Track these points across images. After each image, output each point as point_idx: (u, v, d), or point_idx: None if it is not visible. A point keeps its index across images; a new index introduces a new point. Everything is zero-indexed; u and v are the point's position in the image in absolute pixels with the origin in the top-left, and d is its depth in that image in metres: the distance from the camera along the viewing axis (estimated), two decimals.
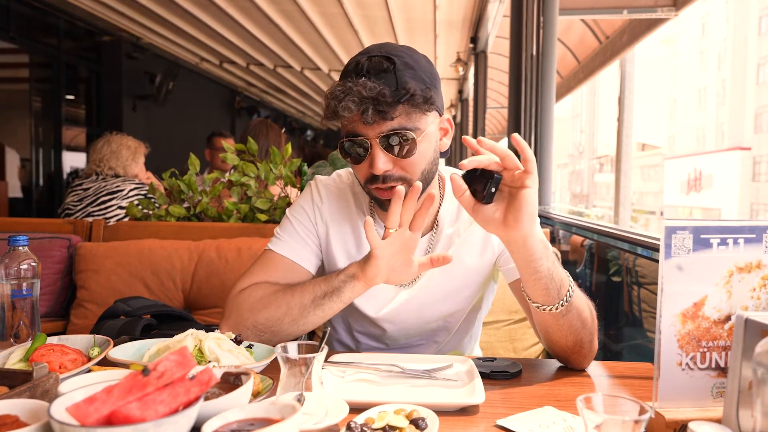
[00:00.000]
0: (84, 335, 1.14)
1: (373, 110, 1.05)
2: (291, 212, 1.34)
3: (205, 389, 0.71)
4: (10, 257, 1.16)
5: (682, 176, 42.62)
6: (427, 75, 1.12)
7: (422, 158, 1.14)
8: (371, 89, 1.04)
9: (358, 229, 1.29)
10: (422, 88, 1.09)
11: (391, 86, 1.06)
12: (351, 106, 1.05)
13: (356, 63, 1.10)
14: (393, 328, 1.33)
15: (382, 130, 1.09)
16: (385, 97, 1.05)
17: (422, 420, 0.83)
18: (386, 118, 1.07)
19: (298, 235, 1.30)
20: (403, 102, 1.07)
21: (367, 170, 1.13)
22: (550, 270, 1.04)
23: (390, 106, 1.06)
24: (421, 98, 1.08)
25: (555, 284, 1.05)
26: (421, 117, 1.12)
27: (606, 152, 50.59)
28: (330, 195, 1.31)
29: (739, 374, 0.77)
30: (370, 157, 1.11)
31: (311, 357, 0.82)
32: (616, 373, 1.15)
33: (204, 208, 2.31)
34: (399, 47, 1.13)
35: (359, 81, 1.05)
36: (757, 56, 36.57)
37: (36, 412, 0.75)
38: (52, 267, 2.14)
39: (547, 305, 1.06)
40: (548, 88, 3.79)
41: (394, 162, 1.12)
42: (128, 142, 3.04)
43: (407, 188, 1.11)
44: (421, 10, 6.15)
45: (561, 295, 1.05)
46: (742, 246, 0.86)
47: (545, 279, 1.04)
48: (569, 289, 1.06)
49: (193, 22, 6.87)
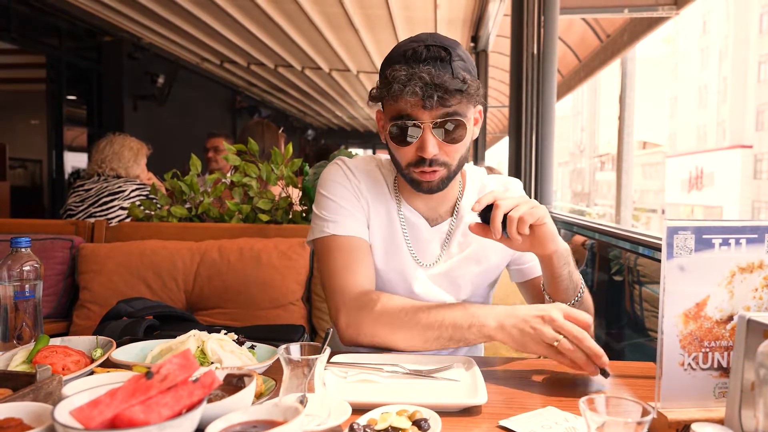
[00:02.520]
0: (87, 336, 1.14)
1: (438, 96, 1.11)
2: (325, 190, 1.30)
3: (208, 392, 0.71)
4: (12, 259, 1.17)
5: (683, 174, 42.56)
6: (473, 68, 1.20)
7: (464, 144, 1.22)
8: (437, 76, 1.10)
9: (389, 209, 1.32)
10: (475, 80, 1.17)
11: (449, 75, 1.13)
12: (417, 90, 1.10)
13: (413, 50, 1.15)
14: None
15: (438, 116, 1.15)
16: (448, 84, 1.11)
17: (425, 421, 0.83)
18: (445, 105, 1.14)
19: (347, 210, 1.28)
20: (463, 91, 1.14)
21: (414, 153, 1.19)
22: (570, 273, 1.20)
23: (451, 93, 1.12)
24: (474, 89, 1.16)
25: (573, 284, 1.22)
26: (470, 107, 1.20)
27: (607, 150, 50.53)
28: (361, 173, 1.33)
29: (741, 375, 0.77)
30: (420, 141, 1.17)
31: (314, 358, 0.82)
32: (618, 372, 1.15)
33: (206, 208, 2.31)
34: (447, 39, 1.19)
35: (423, 68, 1.11)
36: (758, 54, 36.50)
37: (39, 415, 0.75)
38: (54, 268, 2.15)
39: (564, 302, 1.20)
40: (549, 87, 3.79)
41: (441, 146, 1.19)
42: (131, 143, 3.03)
43: (446, 173, 1.21)
44: (422, 8, 6.14)
45: (576, 293, 1.23)
46: (744, 246, 0.86)
47: (566, 281, 1.21)
48: (581, 287, 1.23)
49: (193, 22, 6.86)
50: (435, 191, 1.24)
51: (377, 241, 1.31)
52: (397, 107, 1.17)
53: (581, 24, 5.81)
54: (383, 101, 1.21)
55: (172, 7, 6.33)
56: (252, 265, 2.00)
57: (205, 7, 6.30)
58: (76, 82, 7.58)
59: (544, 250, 1.15)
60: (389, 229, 1.32)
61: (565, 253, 1.18)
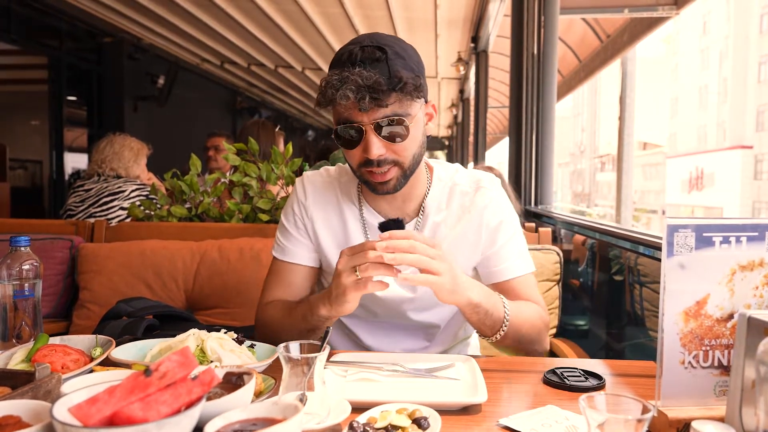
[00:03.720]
0: (86, 335, 1.14)
1: (370, 98, 1.10)
2: (283, 214, 1.41)
3: (208, 389, 0.71)
4: (12, 258, 1.17)
5: (683, 175, 42.56)
6: (415, 64, 1.18)
7: (413, 142, 1.20)
8: (367, 78, 1.09)
9: (344, 218, 1.34)
10: (413, 77, 1.14)
11: (384, 75, 1.11)
12: (348, 94, 1.09)
13: (349, 53, 1.14)
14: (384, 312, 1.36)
15: (377, 117, 1.14)
16: (380, 85, 1.09)
17: (424, 419, 0.82)
18: (381, 105, 1.12)
19: (292, 236, 1.37)
20: (397, 90, 1.12)
21: (361, 155, 1.19)
22: (481, 320, 1.18)
23: (385, 94, 1.11)
24: (412, 86, 1.13)
25: (488, 326, 1.20)
26: (412, 104, 1.17)
27: (607, 151, 50.54)
28: (315, 189, 1.37)
29: (741, 372, 0.77)
30: (364, 142, 1.17)
31: (313, 356, 0.82)
32: (618, 371, 1.15)
33: (206, 208, 2.31)
34: (387, 37, 1.19)
35: (355, 70, 1.10)
36: (759, 54, 36.50)
37: (38, 412, 0.75)
38: (54, 268, 2.15)
39: (485, 337, 1.23)
40: (549, 87, 3.79)
41: (387, 146, 1.17)
42: (131, 143, 3.03)
43: (399, 172, 1.20)
44: (422, 9, 6.15)
45: (495, 332, 1.21)
46: (745, 244, 0.86)
47: (477, 324, 1.20)
48: (504, 324, 1.20)
49: (193, 22, 6.87)
50: (392, 191, 1.23)
51: (333, 251, 1.34)
52: (337, 112, 1.17)
53: (581, 24, 5.82)
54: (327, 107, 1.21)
55: (173, 8, 6.34)
56: (252, 264, 2.00)
57: (205, 8, 6.30)
58: (77, 83, 7.59)
59: (442, 299, 1.11)
60: (348, 235, 1.33)
61: (468, 308, 1.15)
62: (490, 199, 1.32)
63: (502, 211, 1.33)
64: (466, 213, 1.30)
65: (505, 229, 1.32)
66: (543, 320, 1.31)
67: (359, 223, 1.33)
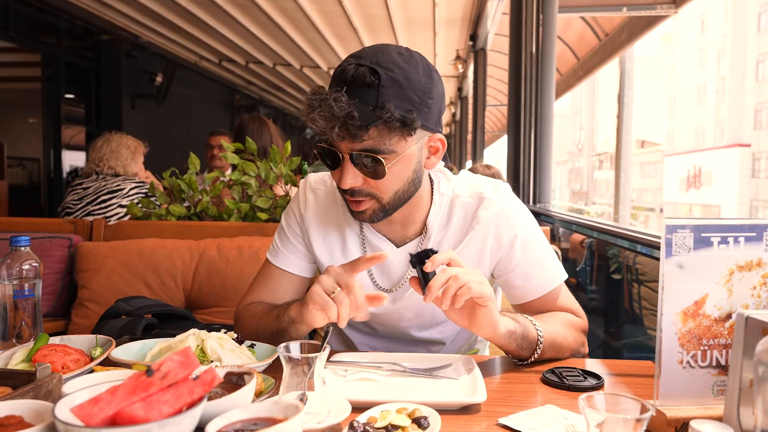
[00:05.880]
0: (86, 335, 1.14)
1: (340, 129, 0.99)
2: (284, 215, 1.34)
3: (209, 389, 0.71)
4: (12, 258, 1.17)
5: (681, 173, 42.64)
6: (418, 93, 1.04)
7: (395, 180, 1.08)
8: (341, 108, 0.97)
9: (344, 232, 1.26)
10: (404, 110, 1.01)
11: (370, 103, 0.99)
12: (319, 121, 0.99)
13: (342, 70, 1.03)
14: (384, 329, 1.33)
15: (354, 148, 1.03)
16: (353, 119, 0.97)
17: (424, 419, 0.83)
18: (355, 139, 1.01)
19: (289, 242, 1.30)
20: (377, 124, 1.00)
21: (338, 178, 1.09)
22: (519, 346, 1.10)
23: (359, 129, 0.99)
24: (398, 122, 1.00)
25: (525, 350, 1.12)
26: (399, 140, 1.04)
27: (605, 149, 50.59)
28: (317, 199, 1.28)
29: (740, 372, 0.77)
30: (340, 170, 1.07)
31: (313, 356, 0.82)
32: (616, 371, 1.15)
33: (204, 207, 2.31)
34: (395, 58, 1.04)
35: (334, 95, 0.98)
36: (757, 52, 36.55)
37: (40, 412, 0.75)
38: (52, 266, 2.15)
39: (524, 360, 1.15)
40: (548, 86, 3.79)
41: (364, 179, 1.07)
42: (128, 142, 3.03)
43: (377, 205, 1.10)
44: (420, 7, 6.15)
45: (531, 352, 1.13)
46: (743, 244, 0.87)
47: (514, 351, 1.12)
48: (538, 345, 1.13)
49: (191, 20, 6.86)
50: (369, 221, 1.15)
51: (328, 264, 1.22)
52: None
53: (580, 23, 5.82)
54: None
55: (171, 6, 6.32)
56: (251, 263, 2.00)
57: (203, 6, 6.29)
58: (74, 81, 7.57)
59: (482, 333, 1.05)
60: (346, 250, 1.26)
61: (507, 337, 1.07)
62: (496, 213, 1.19)
63: (513, 224, 1.20)
64: (470, 230, 1.20)
65: (522, 243, 1.20)
66: (574, 324, 1.22)
67: (358, 239, 1.25)
